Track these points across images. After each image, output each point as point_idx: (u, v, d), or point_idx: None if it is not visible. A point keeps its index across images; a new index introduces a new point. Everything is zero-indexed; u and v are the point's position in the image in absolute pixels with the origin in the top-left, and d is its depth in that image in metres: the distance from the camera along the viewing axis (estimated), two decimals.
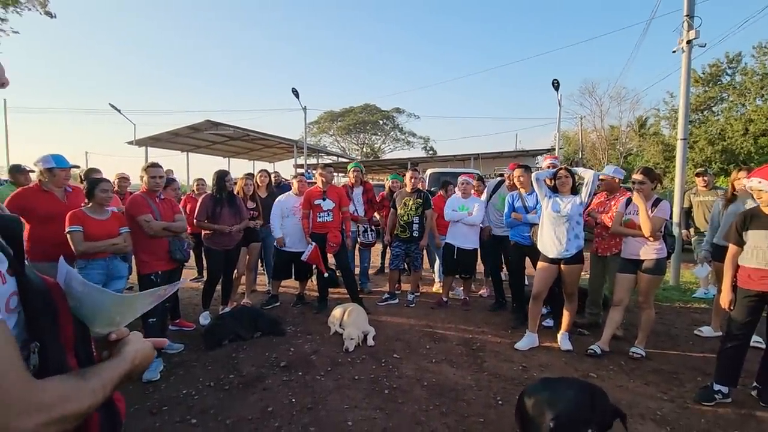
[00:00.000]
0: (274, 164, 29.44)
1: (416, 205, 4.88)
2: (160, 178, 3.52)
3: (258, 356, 3.50)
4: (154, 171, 3.49)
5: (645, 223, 3.34)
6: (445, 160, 22.66)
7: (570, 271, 3.62)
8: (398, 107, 44.42)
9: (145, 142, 19.99)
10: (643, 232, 3.37)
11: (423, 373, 3.22)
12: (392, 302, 5.04)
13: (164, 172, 3.66)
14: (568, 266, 3.61)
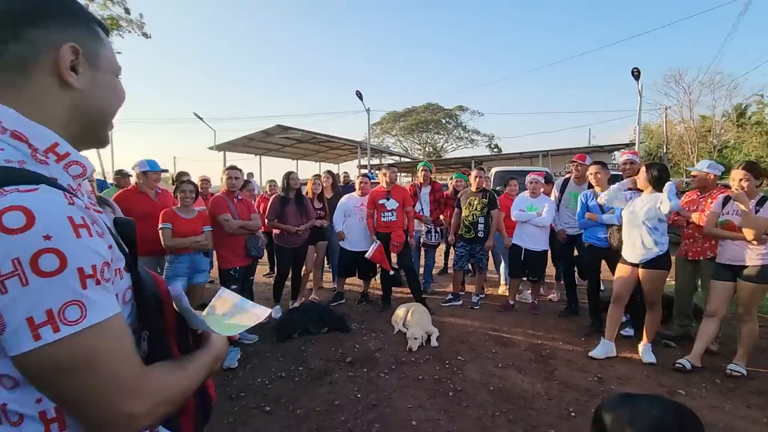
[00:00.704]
0: (338, 165, 30.39)
1: (482, 205, 4.76)
2: (236, 179, 3.80)
3: (325, 350, 3.64)
4: (232, 173, 3.79)
5: (748, 225, 2.96)
6: (511, 158, 21.84)
7: (649, 276, 3.31)
8: (461, 105, 43.71)
9: (223, 147, 21.66)
10: (744, 236, 2.99)
11: (489, 378, 3.14)
12: (456, 303, 4.97)
13: (240, 173, 3.94)
14: (646, 271, 3.30)
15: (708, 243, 3.53)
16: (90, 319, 0.53)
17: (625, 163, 4.20)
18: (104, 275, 0.57)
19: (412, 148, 45.58)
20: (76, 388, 0.54)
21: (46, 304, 0.50)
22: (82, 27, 0.65)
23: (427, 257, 5.71)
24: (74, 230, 0.53)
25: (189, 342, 0.82)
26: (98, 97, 0.67)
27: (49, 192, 0.54)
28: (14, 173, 0.54)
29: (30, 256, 0.50)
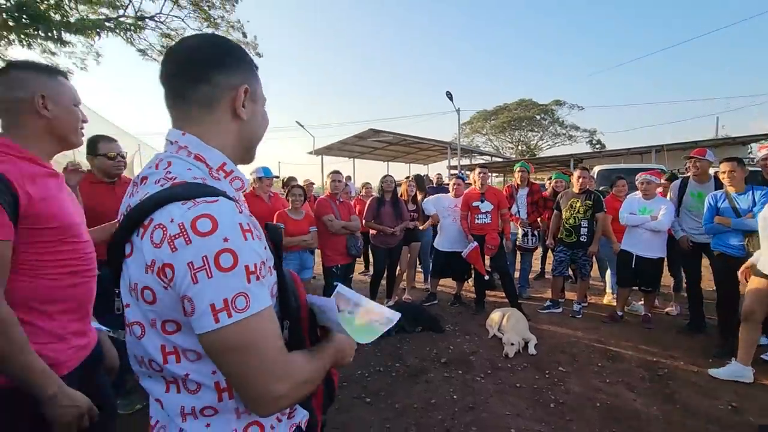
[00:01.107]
0: (428, 166, 30.47)
1: (585, 207, 4.45)
2: (339, 182, 4.09)
3: (420, 350, 3.72)
4: (335, 176, 4.09)
5: None
6: (616, 155, 19.69)
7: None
8: (558, 99, 40.82)
9: (321, 152, 23.15)
10: None
11: (594, 393, 2.93)
12: (555, 311, 4.71)
13: (342, 177, 4.24)
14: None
15: None
16: (252, 308, 0.64)
17: (766, 158, 3.60)
18: (261, 272, 0.67)
19: (504, 147, 43.81)
20: (237, 366, 0.65)
21: (224, 293, 0.62)
22: (250, 70, 0.81)
23: (524, 261, 5.49)
24: (243, 234, 0.65)
25: (317, 333, 0.91)
26: (255, 125, 0.83)
27: (226, 203, 0.67)
28: (201, 188, 0.68)
29: (214, 254, 0.62)
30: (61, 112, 1.21)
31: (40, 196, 1.13)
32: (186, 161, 0.73)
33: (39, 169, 1.18)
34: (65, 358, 1.20)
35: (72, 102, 1.24)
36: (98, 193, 2.49)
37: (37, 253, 1.13)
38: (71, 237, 1.22)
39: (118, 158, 2.54)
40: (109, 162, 2.50)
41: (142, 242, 0.65)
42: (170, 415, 0.73)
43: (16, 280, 1.10)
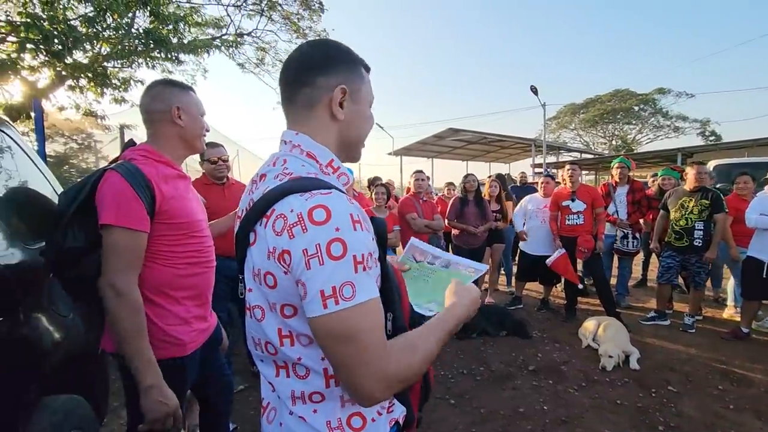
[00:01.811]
0: (509, 165, 29.23)
1: (701, 207, 3.91)
2: (422, 181, 4.12)
3: (505, 354, 3.58)
4: (418, 176, 4.13)
5: None
6: (737, 147, 16.96)
7: None
8: (661, 87, 36.43)
9: (400, 152, 23.42)
10: None
11: (714, 419, 2.57)
12: (661, 323, 4.22)
13: (426, 177, 4.27)
14: None
15: None
16: (358, 298, 0.65)
17: None
18: (368, 263, 0.68)
19: (595, 142, 40.34)
20: (340, 355, 0.67)
21: (333, 281, 0.64)
22: (352, 69, 0.83)
23: (622, 266, 5.00)
24: (353, 225, 0.67)
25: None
26: (356, 125, 0.84)
27: (338, 195, 0.70)
28: (316, 181, 0.73)
29: (327, 242, 0.64)
30: (191, 121, 1.39)
31: (171, 194, 1.31)
32: (299, 158, 0.78)
33: (171, 171, 1.37)
34: (189, 340, 1.37)
35: (199, 112, 1.43)
36: (210, 194, 2.78)
37: (169, 245, 1.32)
38: (196, 231, 1.39)
39: (219, 162, 2.81)
40: (212, 165, 2.79)
41: (266, 231, 0.70)
42: (281, 398, 0.78)
43: (153, 268, 1.29)
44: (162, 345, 1.29)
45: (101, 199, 1.21)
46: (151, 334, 1.25)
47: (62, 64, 5.99)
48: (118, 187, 1.20)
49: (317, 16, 9.93)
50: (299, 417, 0.76)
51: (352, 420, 0.77)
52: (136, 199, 1.20)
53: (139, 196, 1.20)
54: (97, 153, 10.17)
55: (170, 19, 6.72)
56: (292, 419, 0.77)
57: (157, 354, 1.25)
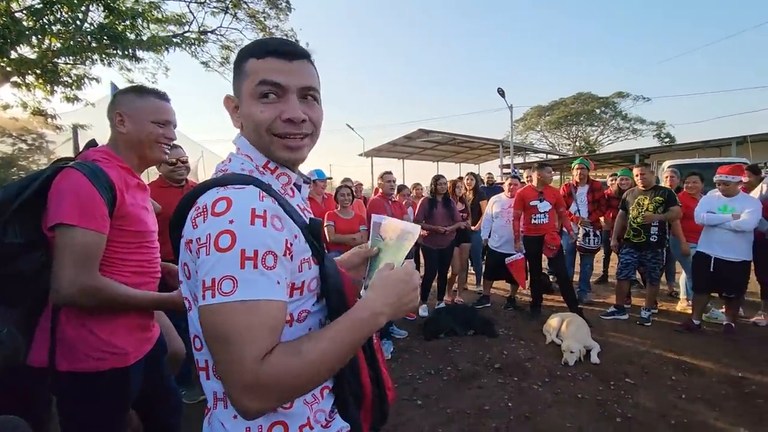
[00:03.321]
0: (479, 165, 29.77)
1: (655, 204, 4.10)
2: (391, 182, 4.13)
3: (472, 354, 3.61)
4: (387, 177, 4.13)
5: None
6: (690, 149, 17.96)
7: None
8: (621, 91, 38.16)
9: (370, 153, 23.41)
10: None
11: (668, 409, 2.68)
12: (620, 317, 4.38)
13: (394, 177, 4.27)
14: None
15: None
16: (238, 295, 0.61)
17: None
18: (266, 262, 0.64)
19: (560, 143, 41.72)
20: (214, 354, 0.64)
21: (213, 273, 0.62)
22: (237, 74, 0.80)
23: (584, 264, 5.17)
24: (251, 218, 0.65)
25: (373, 344, 0.88)
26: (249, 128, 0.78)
27: (251, 190, 0.69)
28: (237, 176, 0.73)
29: (216, 233, 0.63)
30: (134, 128, 1.35)
31: (130, 202, 1.29)
32: (239, 158, 0.80)
33: (133, 179, 1.35)
34: (132, 349, 1.30)
35: (151, 120, 1.36)
36: (167, 197, 2.66)
37: (120, 252, 1.28)
38: (148, 242, 1.38)
39: (178, 163, 2.70)
40: (169, 167, 2.67)
41: (186, 222, 0.71)
42: (210, 401, 0.76)
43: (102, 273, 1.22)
44: (104, 355, 1.23)
45: (59, 197, 1.16)
46: (92, 345, 1.20)
47: (5, 59, 5.61)
48: (82, 187, 1.17)
49: (284, 15, 9.78)
50: (220, 422, 0.74)
51: (274, 429, 0.73)
52: (101, 200, 1.18)
53: (103, 197, 1.18)
54: (49, 154, 9.59)
55: (127, 15, 6.45)
56: (215, 423, 0.75)
57: (98, 365, 1.21)
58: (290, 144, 0.78)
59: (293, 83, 0.76)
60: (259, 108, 0.75)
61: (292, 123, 0.76)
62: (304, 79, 0.77)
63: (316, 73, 0.82)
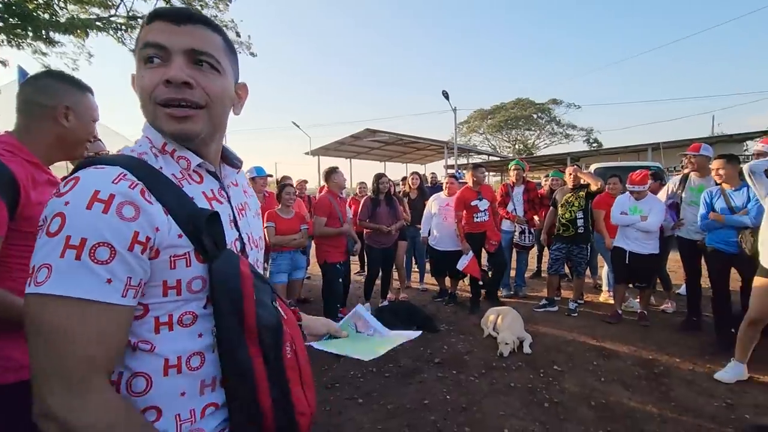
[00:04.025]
0: (425, 166, 30.43)
1: (580, 200, 4.45)
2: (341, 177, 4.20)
3: (414, 350, 3.68)
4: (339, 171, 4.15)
5: None
6: (613, 153, 19.72)
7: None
8: (555, 98, 40.87)
9: (317, 152, 23.09)
10: None
11: (590, 392, 2.90)
12: (551, 309, 4.68)
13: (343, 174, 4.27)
14: None
15: None
16: (49, 288, 0.55)
17: (757, 154, 3.59)
18: (95, 254, 0.57)
19: (501, 146, 43.81)
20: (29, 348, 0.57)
21: (35, 259, 0.58)
22: None
23: (520, 259, 5.46)
24: (89, 202, 0.57)
25: (280, 351, 0.73)
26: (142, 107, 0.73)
27: (110, 170, 0.62)
28: (110, 157, 0.67)
29: (52, 215, 0.58)
30: (79, 125, 1.26)
31: (38, 200, 1.15)
32: (142, 140, 0.74)
33: (41, 175, 1.21)
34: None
35: (92, 118, 1.29)
36: None
37: (20, 256, 1.14)
38: None
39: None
40: None
41: None
42: None
43: None
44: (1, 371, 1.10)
45: None
46: None
47: None
48: None
49: (224, 4, 9.36)
50: None
51: None
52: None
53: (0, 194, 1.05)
54: None
55: None
56: None
57: None
58: (175, 113, 0.68)
59: (177, 44, 0.67)
60: (142, 74, 0.69)
61: (173, 87, 0.67)
62: (194, 41, 0.69)
63: (223, 43, 0.74)
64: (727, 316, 3.55)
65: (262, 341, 0.70)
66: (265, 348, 0.70)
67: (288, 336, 0.76)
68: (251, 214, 0.90)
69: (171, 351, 0.67)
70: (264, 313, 0.71)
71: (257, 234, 0.90)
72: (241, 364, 0.68)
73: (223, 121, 0.78)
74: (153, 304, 0.66)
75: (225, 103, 0.76)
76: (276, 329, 0.73)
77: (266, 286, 0.77)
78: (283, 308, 0.82)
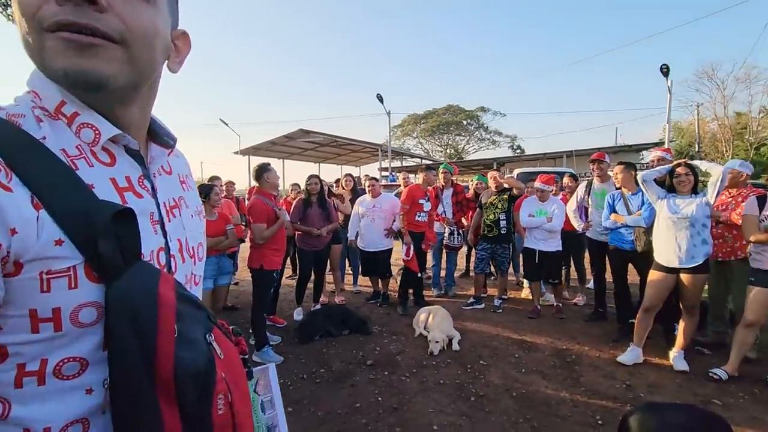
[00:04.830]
0: (360, 168, 30.53)
1: (502, 202, 4.74)
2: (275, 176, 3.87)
3: (346, 353, 3.65)
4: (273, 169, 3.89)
5: None
6: (534, 159, 21.41)
7: (693, 281, 3.14)
8: (483, 106, 43.19)
9: (248, 152, 22.14)
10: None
11: (512, 383, 3.08)
12: (478, 307, 4.91)
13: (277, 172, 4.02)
14: (690, 276, 3.13)
15: (738, 243, 3.39)
16: None
17: (657, 159, 4.10)
18: None
19: (434, 150, 45.34)
20: None
21: None
22: None
23: (449, 260, 5.66)
24: None
25: (211, 417, 0.52)
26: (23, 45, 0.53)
27: None
28: None
29: None
30: None
31: None
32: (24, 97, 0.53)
33: None
34: None
35: None
36: None
37: None
38: None
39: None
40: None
41: None
42: None
43: None
44: None
45: None
46: None
47: None
48: None
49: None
50: None
51: None
52: None
53: None
54: None
55: None
56: None
57: None
58: (74, 38, 0.47)
59: None
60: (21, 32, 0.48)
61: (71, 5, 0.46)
62: None
63: None
64: (628, 307, 3.97)
65: (181, 396, 0.49)
66: (186, 406, 0.50)
67: (221, 385, 0.54)
68: (188, 214, 0.69)
69: (38, 419, 0.47)
70: (187, 355, 0.51)
71: (195, 240, 0.70)
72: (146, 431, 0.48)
73: (150, 71, 0.56)
74: (15, 345, 0.46)
75: (154, 45, 0.54)
76: (204, 376, 0.52)
77: (199, 314, 0.57)
78: (222, 342, 0.59)
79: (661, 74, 13.20)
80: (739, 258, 3.39)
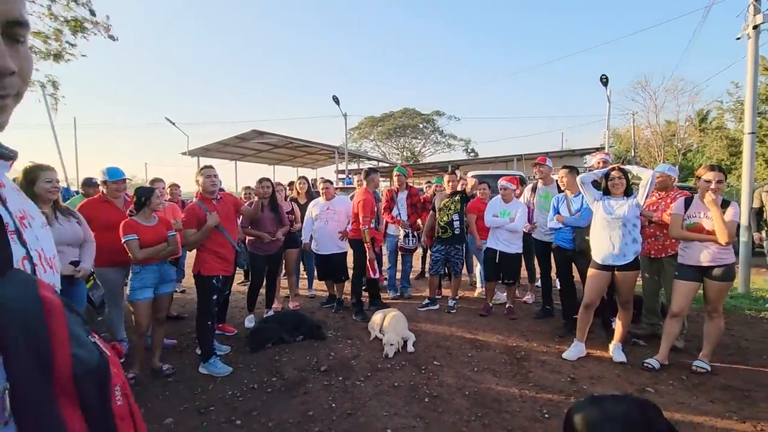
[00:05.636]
0: (316, 170, 30.16)
1: (455, 204, 4.85)
2: (215, 177, 3.54)
3: (300, 360, 3.56)
4: (208, 171, 3.54)
5: (721, 230, 3.02)
6: (487, 162, 22.20)
7: (626, 277, 3.39)
8: (438, 110, 44.20)
9: (197, 153, 21.16)
10: (717, 238, 3.06)
11: (464, 382, 3.14)
12: (432, 308, 4.97)
13: (216, 172, 3.66)
14: (623, 273, 3.37)
15: (669, 241, 3.68)
16: None
17: (601, 162, 4.39)
18: None
19: (390, 152, 45.72)
20: None
21: None
22: None
23: (405, 262, 5.70)
24: None
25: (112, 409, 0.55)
26: None
27: None
28: None
29: None
30: None
31: None
32: None
33: None
34: None
35: None
36: None
37: None
38: None
39: None
40: None
41: None
42: None
43: None
44: None
45: None
46: None
47: None
48: None
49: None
50: None
51: None
52: None
53: None
54: None
55: None
56: None
57: None
58: None
59: None
60: None
61: None
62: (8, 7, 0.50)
63: None
64: (571, 304, 4.18)
65: (81, 393, 0.50)
66: (87, 402, 0.51)
67: (117, 377, 0.58)
68: (37, 224, 0.69)
69: None
70: (81, 353, 0.52)
71: (50, 251, 0.69)
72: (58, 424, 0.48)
73: None
74: None
75: None
76: (100, 371, 0.55)
77: (78, 318, 0.57)
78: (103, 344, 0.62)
79: (601, 84, 14.10)
80: (670, 255, 3.67)
